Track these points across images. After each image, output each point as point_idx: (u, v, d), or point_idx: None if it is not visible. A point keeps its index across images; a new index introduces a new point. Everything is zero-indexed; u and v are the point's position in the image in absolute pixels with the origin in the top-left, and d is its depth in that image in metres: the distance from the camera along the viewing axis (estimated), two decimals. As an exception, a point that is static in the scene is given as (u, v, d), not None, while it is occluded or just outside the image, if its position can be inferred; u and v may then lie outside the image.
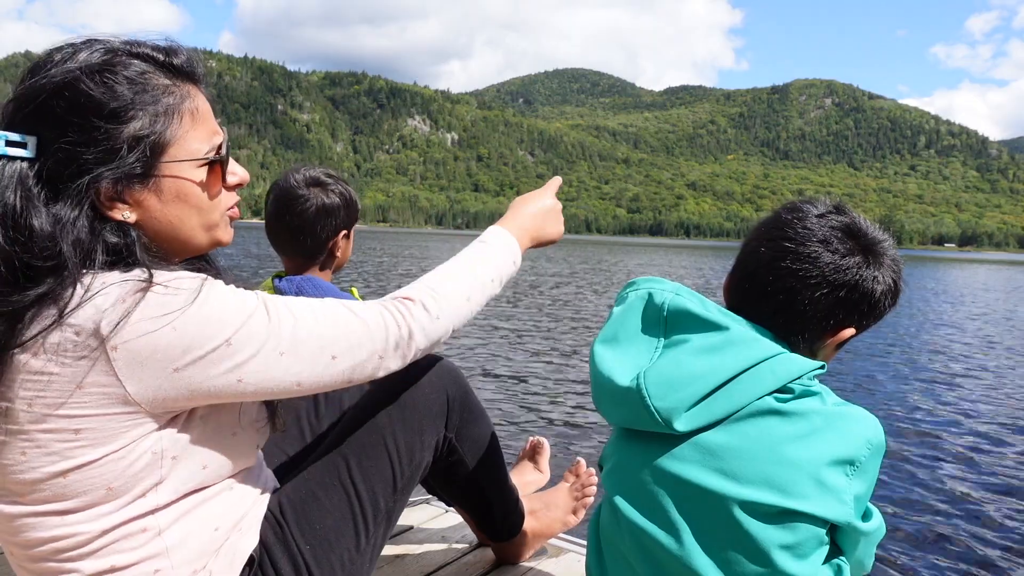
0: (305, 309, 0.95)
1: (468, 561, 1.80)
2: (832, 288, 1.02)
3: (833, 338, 1.07)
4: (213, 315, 0.86)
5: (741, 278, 1.10)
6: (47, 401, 0.83)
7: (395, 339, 1.00)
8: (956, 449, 5.57)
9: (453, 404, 1.34)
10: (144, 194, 0.91)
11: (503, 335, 10.81)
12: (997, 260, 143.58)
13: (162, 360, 0.83)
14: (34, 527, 0.88)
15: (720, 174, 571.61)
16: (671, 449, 1.00)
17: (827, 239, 1.04)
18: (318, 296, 1.72)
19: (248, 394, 0.91)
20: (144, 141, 0.89)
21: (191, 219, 0.96)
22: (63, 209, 0.86)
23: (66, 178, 0.86)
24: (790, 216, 1.07)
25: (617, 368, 1.05)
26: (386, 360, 1.00)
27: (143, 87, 0.90)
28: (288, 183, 1.74)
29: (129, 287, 0.83)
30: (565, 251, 63.08)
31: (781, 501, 0.94)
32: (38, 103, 0.85)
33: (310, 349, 0.93)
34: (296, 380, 0.92)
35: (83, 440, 0.84)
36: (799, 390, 0.98)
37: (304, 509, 1.07)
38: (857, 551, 1.03)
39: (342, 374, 0.96)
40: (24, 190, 0.84)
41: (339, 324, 0.96)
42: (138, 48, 0.91)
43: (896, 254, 1.07)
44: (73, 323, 0.82)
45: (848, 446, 0.96)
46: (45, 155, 0.86)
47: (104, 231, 0.88)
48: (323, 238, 1.74)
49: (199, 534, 0.97)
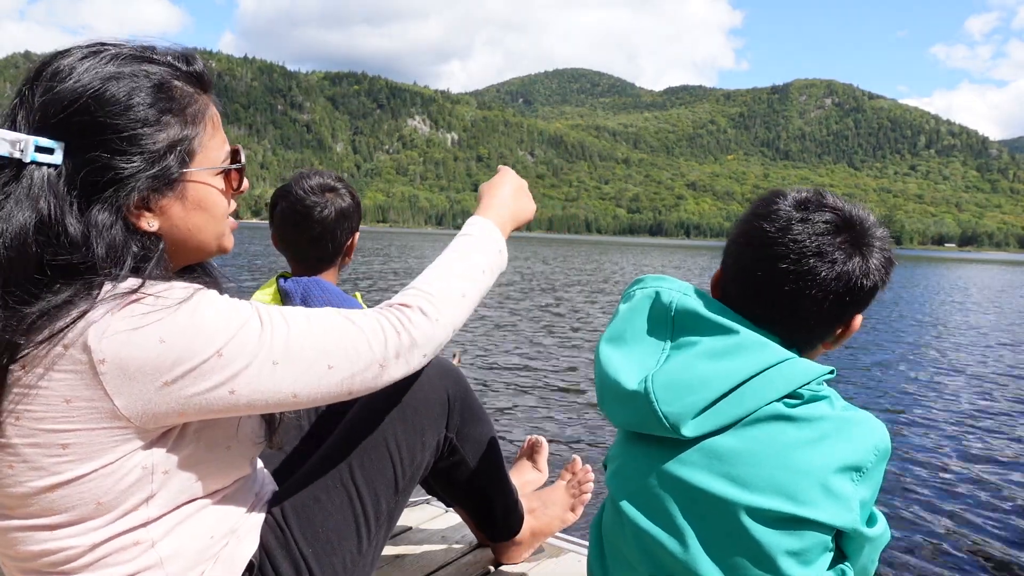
0: (300, 317, 0.93)
1: (468, 561, 1.80)
2: (837, 296, 1.01)
3: (845, 329, 1.07)
4: (203, 325, 0.84)
5: (737, 286, 1.08)
6: (35, 415, 0.81)
7: (395, 347, 0.98)
8: (958, 447, 5.57)
9: (454, 404, 1.33)
10: (170, 202, 0.91)
11: (503, 334, 10.82)
12: (997, 260, 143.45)
13: (151, 373, 0.81)
14: (24, 541, 0.87)
15: (720, 174, 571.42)
16: (678, 453, 0.99)
17: (822, 251, 1.00)
18: (324, 298, 1.69)
19: (242, 407, 0.88)
20: (177, 148, 0.89)
21: (208, 227, 0.96)
22: (98, 215, 0.85)
23: (101, 186, 0.85)
24: (773, 229, 1.02)
25: (624, 370, 1.04)
26: (388, 369, 0.98)
27: (171, 95, 0.90)
28: (299, 193, 1.74)
29: (118, 299, 0.82)
30: (565, 251, 63.08)
31: (789, 508, 0.93)
32: (70, 110, 0.84)
33: (306, 358, 0.90)
34: (292, 391, 0.90)
35: (71, 455, 0.83)
36: (808, 395, 0.97)
37: (306, 512, 1.06)
38: (862, 557, 1.03)
39: (340, 384, 0.94)
40: (56, 197, 0.83)
41: (336, 333, 0.94)
42: (160, 55, 0.91)
43: (881, 231, 1.05)
44: (64, 336, 0.80)
45: (856, 452, 0.96)
46: (76, 162, 0.84)
47: (132, 240, 0.88)
48: (342, 241, 1.78)
49: (194, 543, 0.95)
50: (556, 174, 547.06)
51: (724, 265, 1.11)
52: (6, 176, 0.83)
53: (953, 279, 38.77)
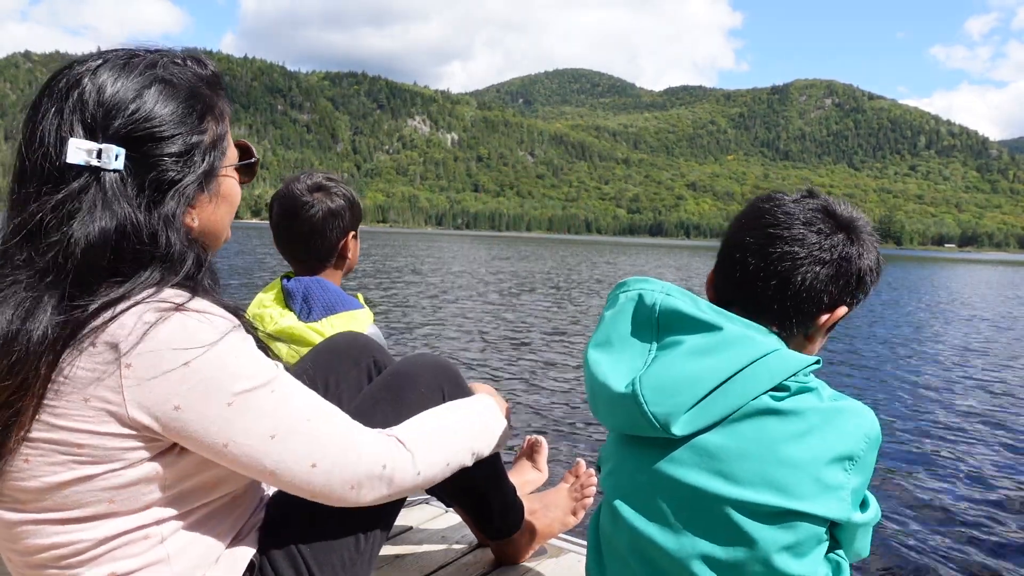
0: (313, 406, 0.95)
1: (467, 561, 1.80)
2: (823, 266, 1.04)
3: (829, 317, 1.08)
4: (228, 366, 0.86)
5: (729, 268, 1.10)
6: (56, 411, 0.83)
7: (377, 473, 1.00)
8: (955, 442, 5.59)
9: (448, 398, 1.33)
10: (206, 197, 0.96)
11: (502, 334, 10.81)
12: (997, 260, 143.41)
13: (167, 393, 0.83)
14: (34, 534, 0.88)
15: (720, 174, 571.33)
16: (669, 452, 1.00)
17: (810, 221, 1.06)
18: (325, 297, 1.74)
19: (226, 461, 0.90)
20: (217, 146, 0.95)
21: (228, 218, 1.01)
22: (165, 214, 0.89)
23: (163, 188, 0.89)
24: (768, 204, 1.10)
25: (612, 374, 1.05)
26: (358, 491, 0.98)
27: (203, 97, 0.95)
28: (292, 192, 1.78)
29: (160, 309, 0.84)
30: (565, 251, 63.04)
31: (781, 502, 0.94)
32: (126, 118, 0.87)
33: (298, 447, 0.92)
34: (272, 470, 0.91)
35: (84, 456, 0.84)
36: (795, 387, 0.98)
37: (304, 511, 1.06)
38: (855, 542, 1.04)
39: (310, 486, 0.95)
40: (127, 201, 0.86)
41: (337, 437, 0.96)
42: (180, 60, 0.96)
43: (872, 230, 1.10)
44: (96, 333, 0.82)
45: (846, 442, 0.96)
46: (137, 166, 0.88)
47: (187, 240, 0.92)
48: (333, 240, 1.79)
49: (200, 542, 0.97)
50: (556, 174, 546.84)
51: (719, 256, 1.14)
52: (81, 183, 0.85)
53: (953, 279, 38.73)
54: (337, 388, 1.41)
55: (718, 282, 1.14)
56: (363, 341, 1.48)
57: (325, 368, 1.42)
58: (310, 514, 1.07)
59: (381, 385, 1.30)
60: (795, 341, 1.08)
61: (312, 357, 1.45)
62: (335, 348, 1.46)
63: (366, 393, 1.31)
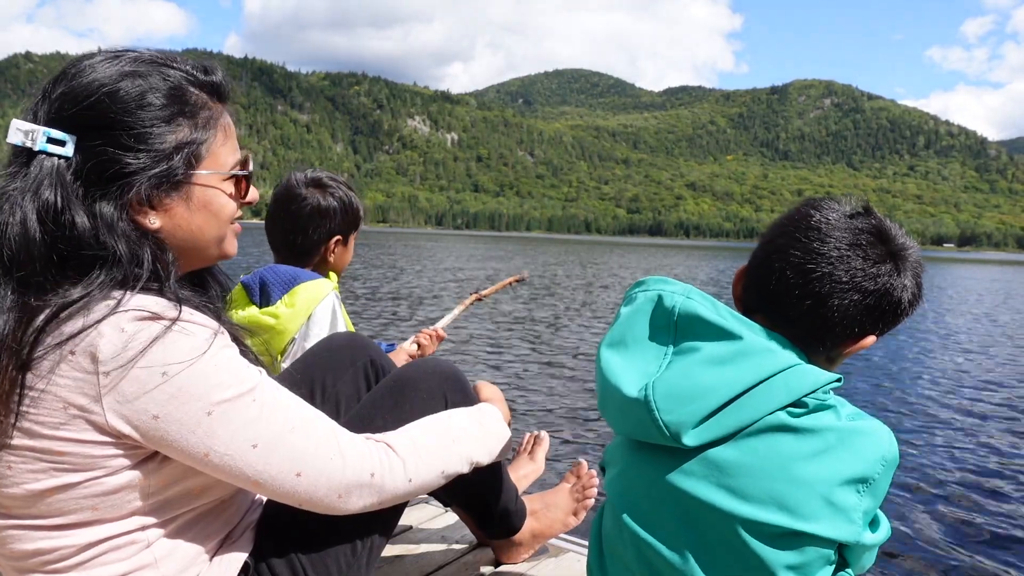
0: (297, 413, 0.94)
1: (468, 561, 1.80)
2: (863, 295, 0.99)
3: (855, 345, 1.04)
4: (208, 376, 0.85)
5: (764, 276, 1.04)
6: (36, 418, 0.82)
7: (366, 481, 0.98)
8: (963, 445, 5.61)
9: (450, 405, 1.32)
10: (175, 201, 0.93)
11: (501, 335, 10.82)
12: (996, 260, 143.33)
13: (145, 402, 0.83)
14: (20, 539, 0.88)
15: (719, 174, 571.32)
16: (679, 463, 0.97)
17: (859, 244, 1.00)
18: (278, 278, 1.71)
19: (209, 470, 0.89)
20: (185, 150, 0.91)
21: (211, 230, 0.98)
22: (104, 207, 0.86)
23: (106, 179, 0.86)
24: (819, 216, 1.02)
25: (624, 376, 1.01)
26: (346, 499, 0.97)
27: (184, 99, 0.92)
28: (289, 182, 1.76)
29: (139, 318, 0.83)
30: (566, 251, 63.04)
31: (789, 522, 0.91)
32: (84, 104, 0.86)
33: (282, 456, 0.91)
34: (256, 479, 0.91)
35: (66, 463, 0.84)
36: (813, 404, 0.94)
37: (301, 513, 1.03)
38: (862, 560, 1.03)
39: (296, 495, 0.94)
40: (63, 187, 0.84)
41: (322, 446, 0.94)
42: (179, 63, 0.94)
43: (919, 258, 1.04)
44: (74, 341, 0.81)
45: (862, 464, 0.93)
46: (85, 155, 0.86)
47: (145, 239, 0.89)
48: (314, 239, 1.74)
49: (188, 545, 0.96)
50: (556, 174, 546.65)
51: (755, 256, 1.08)
52: (16, 165, 0.85)
53: (954, 278, 38.73)
54: (334, 387, 1.40)
55: (747, 285, 1.08)
56: (360, 341, 1.48)
57: (322, 368, 1.41)
58: (307, 516, 1.04)
59: (383, 390, 1.28)
60: (816, 361, 1.03)
61: (309, 356, 1.45)
62: (332, 347, 1.46)
63: (367, 398, 1.29)
